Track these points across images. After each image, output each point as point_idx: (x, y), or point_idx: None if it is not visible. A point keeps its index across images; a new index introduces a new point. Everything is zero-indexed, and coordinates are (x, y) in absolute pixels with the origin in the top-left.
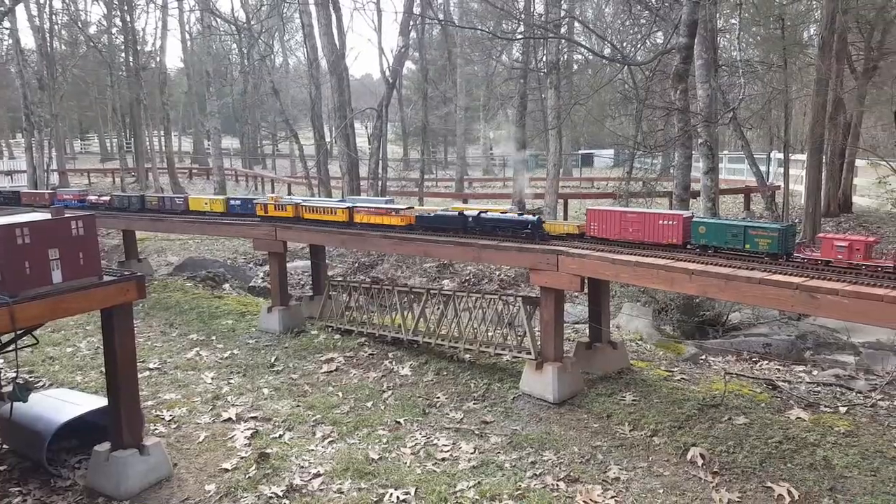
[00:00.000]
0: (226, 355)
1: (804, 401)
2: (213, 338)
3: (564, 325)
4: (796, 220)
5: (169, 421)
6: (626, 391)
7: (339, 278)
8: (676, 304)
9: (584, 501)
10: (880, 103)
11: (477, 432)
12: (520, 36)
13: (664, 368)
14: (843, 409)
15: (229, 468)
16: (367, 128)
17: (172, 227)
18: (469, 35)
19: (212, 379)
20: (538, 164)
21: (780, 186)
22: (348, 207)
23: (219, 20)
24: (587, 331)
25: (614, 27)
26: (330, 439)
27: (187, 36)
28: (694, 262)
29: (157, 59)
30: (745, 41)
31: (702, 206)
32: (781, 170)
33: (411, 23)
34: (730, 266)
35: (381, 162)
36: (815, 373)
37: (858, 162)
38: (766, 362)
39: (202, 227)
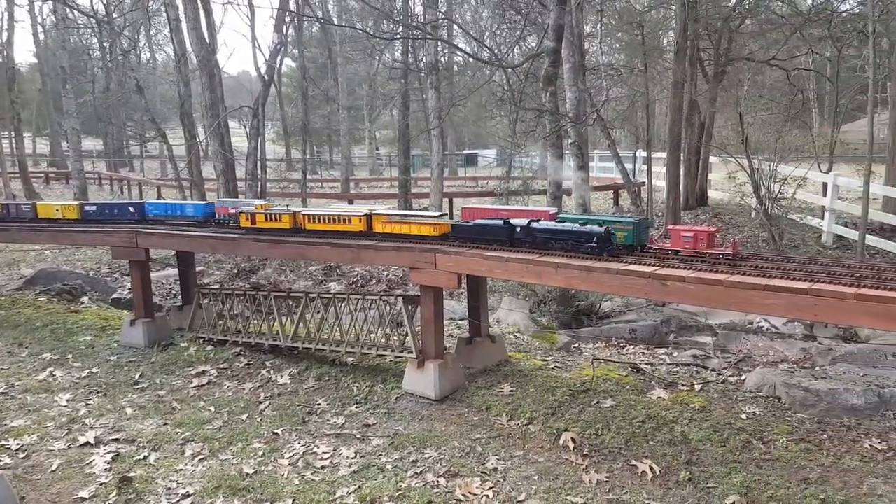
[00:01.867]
0: (83, 374)
1: (664, 381)
2: (70, 356)
3: (452, 321)
4: (659, 214)
5: (16, 450)
6: (504, 383)
7: (216, 286)
8: (553, 296)
9: (463, 495)
10: (729, 105)
11: (359, 436)
12: (397, 37)
13: (539, 358)
14: (698, 387)
15: (86, 496)
16: (245, 127)
17: (17, 237)
18: (350, 33)
19: (67, 401)
20: (424, 163)
21: (644, 183)
22: (365, 215)
23: (75, 12)
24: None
25: (491, 30)
26: (200, 457)
27: (39, 28)
28: (559, 256)
29: (4, 53)
30: (610, 46)
31: (573, 203)
32: (646, 167)
33: (287, 19)
34: (592, 259)
35: (259, 162)
36: (675, 354)
37: (712, 159)
38: (632, 347)
39: (53, 237)
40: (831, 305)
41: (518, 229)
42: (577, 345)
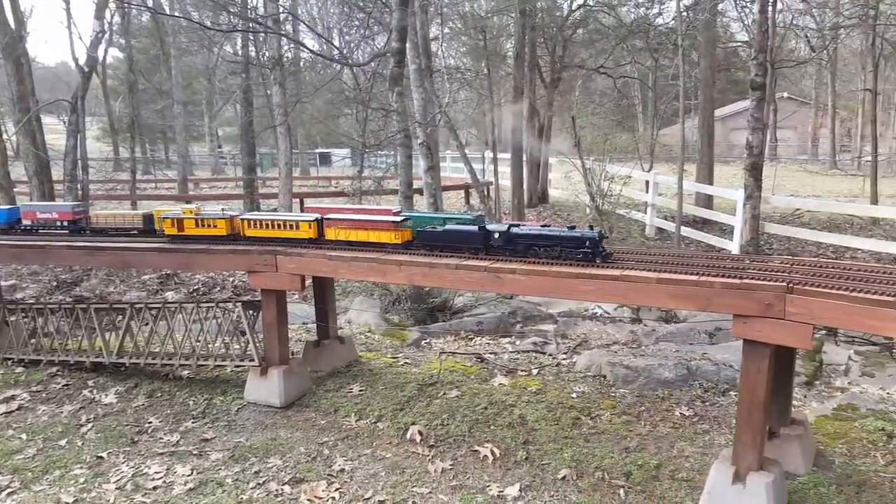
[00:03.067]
0: None
1: (506, 368)
2: None
3: (304, 325)
4: (506, 212)
5: None
6: (354, 383)
7: (31, 300)
8: (408, 294)
9: (308, 500)
10: (564, 109)
11: (195, 452)
12: (233, 29)
13: (390, 356)
14: (535, 372)
15: None
16: (64, 123)
17: None
18: (186, 24)
19: None
20: (273, 162)
21: (492, 182)
22: (316, 220)
23: None
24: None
25: (339, 28)
26: (9, 490)
27: None
28: (403, 253)
29: None
30: (457, 50)
31: (425, 202)
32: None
33: (112, 5)
34: (433, 255)
35: (79, 162)
36: (517, 343)
37: (551, 160)
38: (479, 338)
39: None
40: (638, 289)
41: (496, 235)
42: (427, 340)
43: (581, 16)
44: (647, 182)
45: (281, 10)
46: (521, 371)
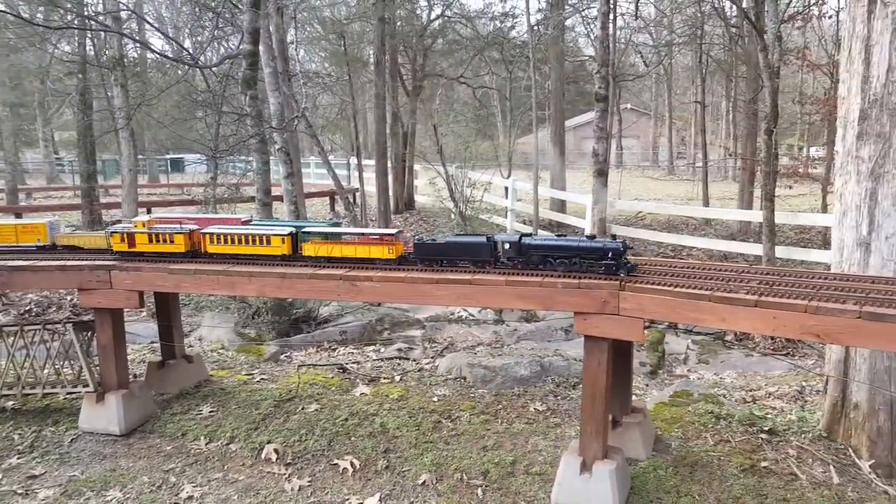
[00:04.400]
0: None
1: (368, 377)
2: None
3: (150, 344)
4: (372, 219)
5: None
6: (204, 404)
7: None
8: (269, 306)
9: None
10: (426, 116)
11: (21, 491)
12: (66, 26)
13: (245, 373)
14: (398, 378)
15: None
16: None
17: None
18: (13, 18)
19: None
20: (119, 169)
21: (358, 189)
22: (290, 235)
23: None
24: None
25: (189, 28)
26: None
27: None
28: (255, 265)
29: None
30: (317, 54)
31: (285, 210)
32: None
33: None
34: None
35: None
36: (382, 350)
37: (416, 166)
38: (343, 348)
39: None
40: (489, 292)
41: (506, 246)
42: (287, 354)
43: (440, 26)
44: (506, 188)
45: (122, 7)
46: (384, 379)
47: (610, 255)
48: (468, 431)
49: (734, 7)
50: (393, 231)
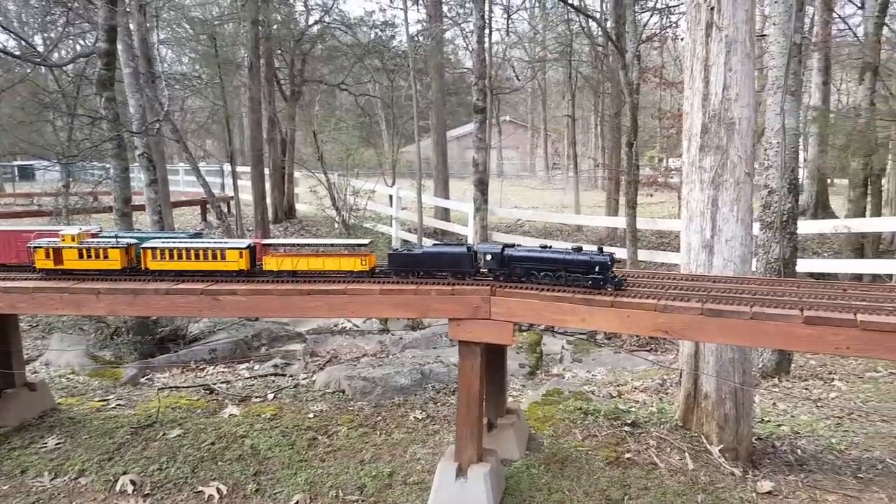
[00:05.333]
0: None
1: (238, 397)
2: None
3: None
4: (249, 228)
5: None
6: (49, 436)
7: None
8: (129, 325)
9: None
10: (306, 122)
11: None
12: None
13: (98, 399)
14: (271, 396)
15: None
16: None
17: None
18: None
19: None
20: None
21: (233, 197)
22: (248, 248)
23: None
24: None
25: (39, 23)
26: None
27: None
28: (102, 282)
29: None
30: (187, 55)
31: (148, 220)
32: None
33: None
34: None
35: None
36: (256, 367)
37: (297, 174)
38: (212, 367)
39: None
40: (363, 302)
41: (488, 258)
42: (148, 376)
43: (318, 31)
44: (390, 196)
45: None
46: (257, 398)
47: (597, 268)
48: (345, 446)
49: (599, 27)
50: (365, 242)
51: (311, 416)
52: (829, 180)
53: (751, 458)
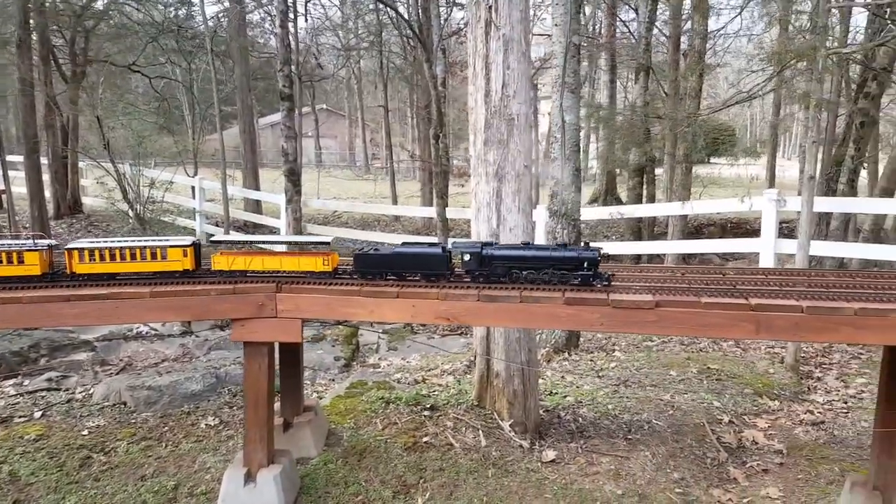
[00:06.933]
0: None
1: None
2: None
3: None
4: (26, 225)
5: None
6: None
7: None
8: None
9: None
10: (91, 107)
11: None
12: None
13: None
14: (38, 414)
15: None
16: None
17: None
18: None
19: None
20: None
21: (4, 190)
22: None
23: None
24: None
25: None
26: None
27: None
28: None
29: None
30: None
31: None
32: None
33: None
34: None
35: None
36: (26, 383)
37: (81, 164)
38: None
39: None
40: (133, 306)
41: (466, 257)
42: None
43: (104, 6)
44: (193, 188)
45: None
46: (20, 417)
47: (586, 264)
48: (125, 462)
49: (402, 19)
50: (328, 240)
51: (85, 433)
52: (618, 171)
53: (538, 429)
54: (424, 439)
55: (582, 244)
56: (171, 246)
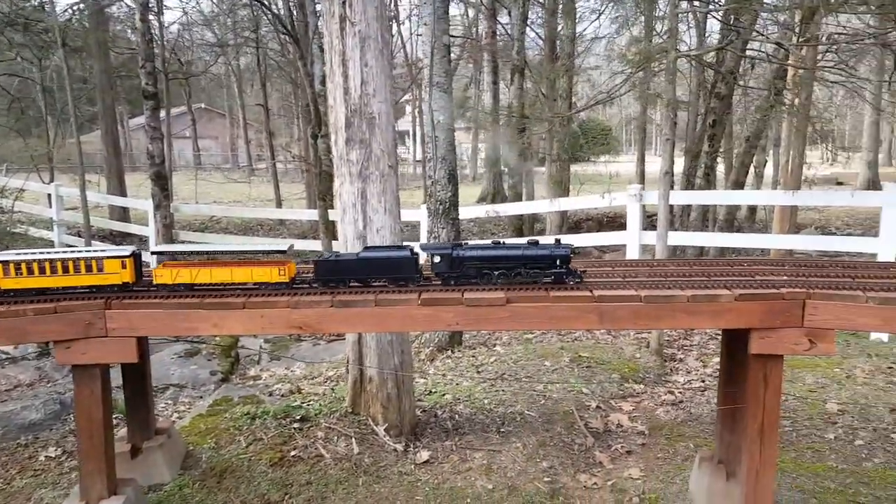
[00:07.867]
0: None
1: None
2: None
3: None
4: None
5: None
6: None
7: None
8: None
9: None
10: None
11: None
12: None
13: None
14: None
15: None
16: None
17: None
18: None
19: None
20: None
21: None
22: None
23: None
24: None
25: None
26: None
27: None
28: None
29: None
30: None
31: None
32: None
33: None
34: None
35: None
36: None
37: None
38: None
39: None
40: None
41: (436, 259)
42: None
43: None
44: (49, 195)
45: None
46: None
47: (558, 262)
48: None
49: (273, 15)
50: (284, 247)
51: None
52: (505, 168)
53: (414, 431)
54: (292, 453)
55: (554, 241)
56: (109, 257)
